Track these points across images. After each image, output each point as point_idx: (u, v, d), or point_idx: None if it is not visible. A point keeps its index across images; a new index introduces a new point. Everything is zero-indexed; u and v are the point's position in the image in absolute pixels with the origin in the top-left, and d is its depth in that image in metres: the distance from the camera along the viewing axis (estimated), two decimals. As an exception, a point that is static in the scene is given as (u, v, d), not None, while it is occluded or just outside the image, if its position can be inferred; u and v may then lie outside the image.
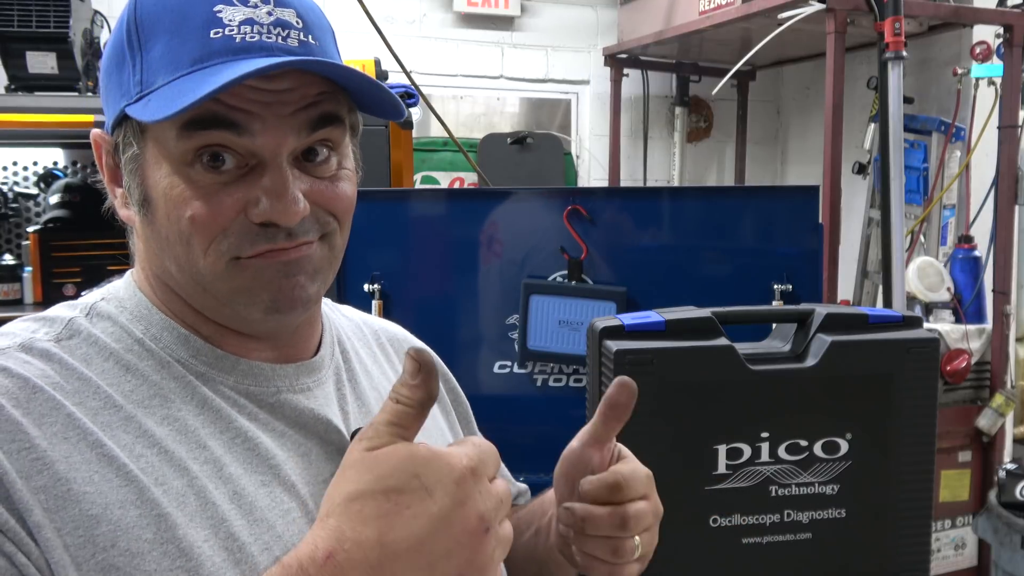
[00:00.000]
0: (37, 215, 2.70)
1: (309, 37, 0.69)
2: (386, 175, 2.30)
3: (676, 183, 4.76)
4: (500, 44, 4.65)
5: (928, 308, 3.05)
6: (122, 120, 0.69)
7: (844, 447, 1.14)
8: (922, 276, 3.01)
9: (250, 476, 0.68)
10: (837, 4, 2.95)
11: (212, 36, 0.65)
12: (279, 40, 0.67)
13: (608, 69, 4.49)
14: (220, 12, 0.66)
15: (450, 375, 1.00)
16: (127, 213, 0.73)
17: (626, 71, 4.51)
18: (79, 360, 0.67)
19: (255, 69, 0.63)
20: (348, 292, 1.95)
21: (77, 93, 2.41)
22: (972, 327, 2.97)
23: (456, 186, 4.16)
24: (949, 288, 3.03)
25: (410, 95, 2.23)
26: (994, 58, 3.17)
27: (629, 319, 1.13)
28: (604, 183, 4.63)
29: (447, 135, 2.57)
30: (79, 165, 2.75)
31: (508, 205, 2.05)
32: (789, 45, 3.82)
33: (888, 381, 1.14)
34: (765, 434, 1.12)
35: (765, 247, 2.02)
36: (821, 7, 2.98)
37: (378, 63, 2.47)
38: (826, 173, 2.98)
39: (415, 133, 3.31)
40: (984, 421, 2.94)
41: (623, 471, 0.75)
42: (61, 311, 0.72)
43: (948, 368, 2.87)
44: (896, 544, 1.17)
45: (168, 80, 0.65)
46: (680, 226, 2.05)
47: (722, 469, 1.12)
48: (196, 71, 0.65)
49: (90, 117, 2.13)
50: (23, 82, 2.38)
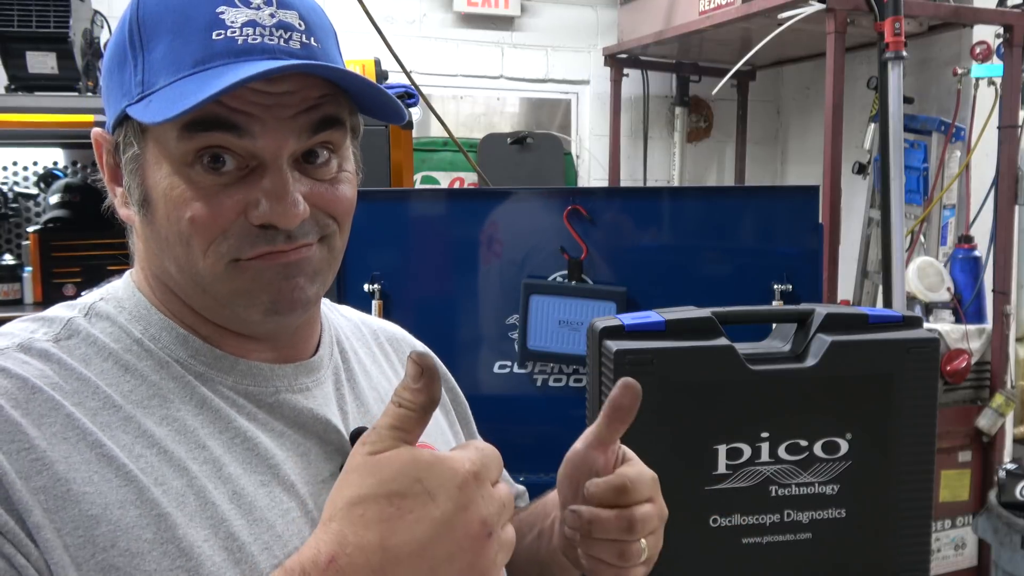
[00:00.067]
0: (37, 215, 2.70)
1: (311, 39, 0.69)
2: (386, 175, 2.30)
3: (676, 183, 4.76)
4: (500, 44, 4.65)
5: (928, 308, 3.05)
6: (123, 120, 0.69)
7: (844, 447, 1.14)
8: (922, 276, 3.01)
9: (249, 476, 0.68)
10: (837, 4, 2.95)
11: (214, 38, 0.65)
12: (281, 42, 0.67)
13: (608, 69, 4.49)
14: (223, 14, 0.66)
15: (449, 375, 1.00)
16: (127, 212, 0.73)
17: (626, 71, 4.50)
18: (78, 360, 0.67)
19: (257, 72, 0.62)
20: (348, 292, 1.95)
21: (77, 93, 2.41)
22: (972, 327, 2.97)
23: (456, 186, 4.16)
24: (949, 288, 3.03)
25: (410, 95, 2.23)
26: (994, 58, 3.17)
27: (629, 319, 1.13)
28: (604, 183, 4.63)
29: (447, 135, 2.57)
30: (79, 165, 2.75)
31: (508, 205, 2.05)
32: (789, 45, 3.82)
33: (888, 381, 1.14)
34: (765, 434, 1.12)
35: (765, 247, 2.02)
36: (821, 7, 2.98)
37: (378, 63, 2.47)
38: (826, 173, 2.98)
39: (415, 133, 3.32)
40: (984, 421, 2.94)
41: (629, 474, 0.74)
42: (60, 311, 0.72)
43: (948, 368, 2.87)
44: (896, 544, 1.17)
45: (170, 81, 0.65)
46: (680, 226, 2.05)
47: (722, 469, 1.12)
48: (198, 72, 0.64)
49: (90, 117, 2.13)
50: (23, 82, 2.38)
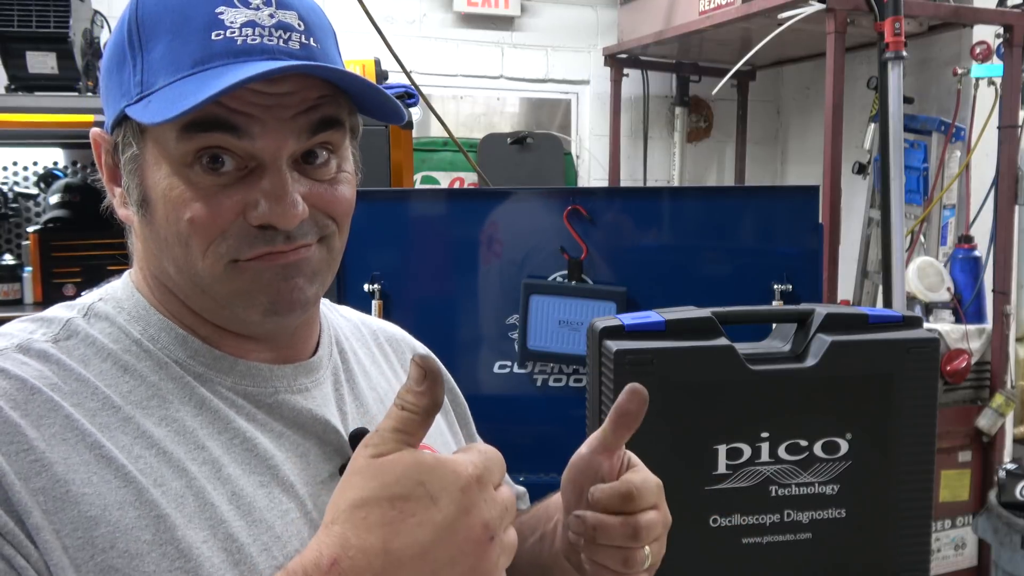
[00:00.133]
0: (37, 215, 2.70)
1: (310, 40, 0.69)
2: (386, 175, 2.30)
3: (676, 183, 4.76)
4: (500, 44, 4.65)
5: (928, 308, 3.05)
6: (122, 120, 0.69)
7: (844, 447, 1.14)
8: (922, 276, 3.00)
9: (249, 477, 0.68)
10: (837, 4, 2.95)
11: (213, 38, 0.65)
12: (280, 43, 0.67)
13: (608, 69, 4.48)
14: (222, 14, 0.66)
15: (448, 376, 0.99)
16: (126, 212, 0.73)
17: (626, 71, 4.50)
18: (77, 361, 0.67)
19: (257, 73, 0.62)
20: (348, 292, 1.95)
21: (77, 93, 2.41)
22: (972, 327, 2.97)
23: (456, 186, 4.16)
24: (949, 288, 3.03)
25: (410, 95, 2.22)
26: (994, 58, 3.17)
27: (629, 319, 1.14)
28: (604, 183, 4.63)
29: (447, 135, 2.57)
30: (79, 165, 2.75)
31: (508, 205, 2.05)
32: (789, 45, 3.82)
33: (888, 381, 1.14)
34: (765, 434, 1.12)
35: (765, 247, 2.02)
36: (821, 7, 2.98)
37: (378, 63, 2.47)
38: (826, 173, 2.98)
39: (415, 133, 3.32)
40: (984, 421, 2.94)
41: (635, 480, 0.74)
42: (59, 312, 0.72)
43: (948, 368, 2.87)
44: (896, 544, 1.17)
45: (169, 81, 0.65)
46: (680, 226, 2.05)
47: (722, 469, 1.12)
48: (197, 73, 0.64)
49: (90, 117, 2.13)
50: (23, 82, 2.39)
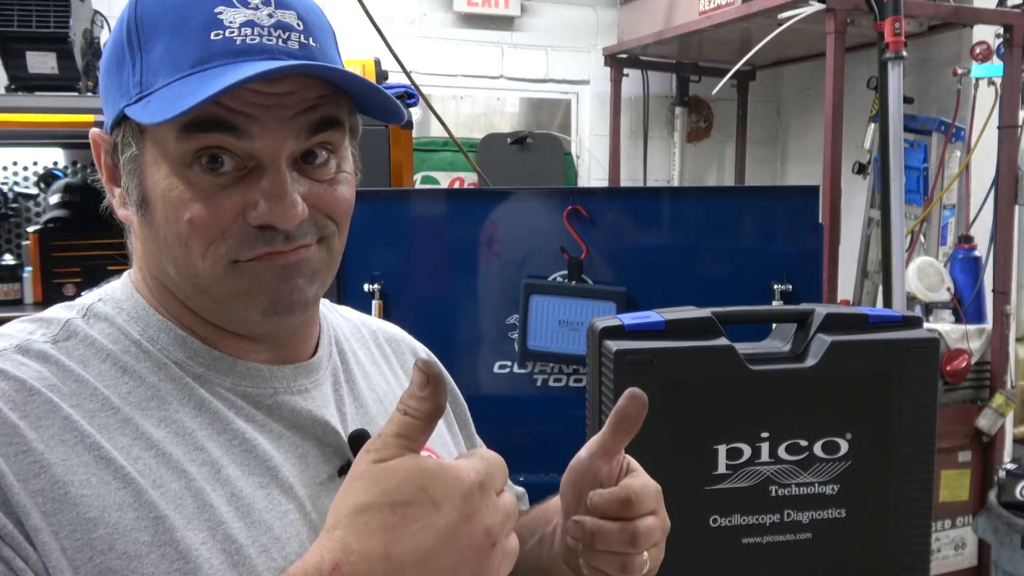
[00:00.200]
0: (37, 215, 2.70)
1: (310, 39, 0.69)
2: (386, 175, 2.30)
3: (676, 183, 4.76)
4: (500, 44, 4.65)
5: (928, 308, 3.05)
6: (121, 120, 0.69)
7: (844, 447, 1.14)
8: (922, 276, 3.00)
9: (248, 478, 0.68)
10: (837, 4, 2.95)
11: (213, 38, 0.65)
12: (279, 42, 0.67)
13: (608, 69, 4.48)
14: (221, 14, 0.66)
15: (448, 376, 0.99)
16: (125, 213, 0.73)
17: (626, 71, 4.50)
18: (76, 362, 0.67)
19: (256, 73, 0.62)
20: (348, 292, 1.95)
21: (77, 93, 2.41)
22: (972, 327, 2.97)
23: (456, 186, 4.16)
24: (949, 288, 3.03)
25: (410, 95, 2.22)
26: (994, 58, 3.17)
27: (629, 319, 1.14)
28: (604, 183, 4.63)
29: (447, 135, 2.57)
30: (79, 165, 2.74)
31: (508, 205, 2.05)
32: (789, 45, 3.82)
33: (888, 381, 1.14)
34: (765, 434, 1.12)
35: (765, 247, 2.02)
36: (821, 7, 2.98)
37: (378, 63, 2.47)
38: (826, 173, 2.98)
39: (415, 133, 3.32)
40: (984, 421, 2.94)
41: (634, 486, 0.74)
42: (58, 312, 0.72)
43: (948, 368, 2.87)
44: (896, 544, 1.17)
45: (168, 81, 0.65)
46: (680, 226, 2.05)
47: (722, 469, 1.12)
48: (196, 73, 0.64)
49: (90, 117, 2.13)
50: (23, 82, 2.39)
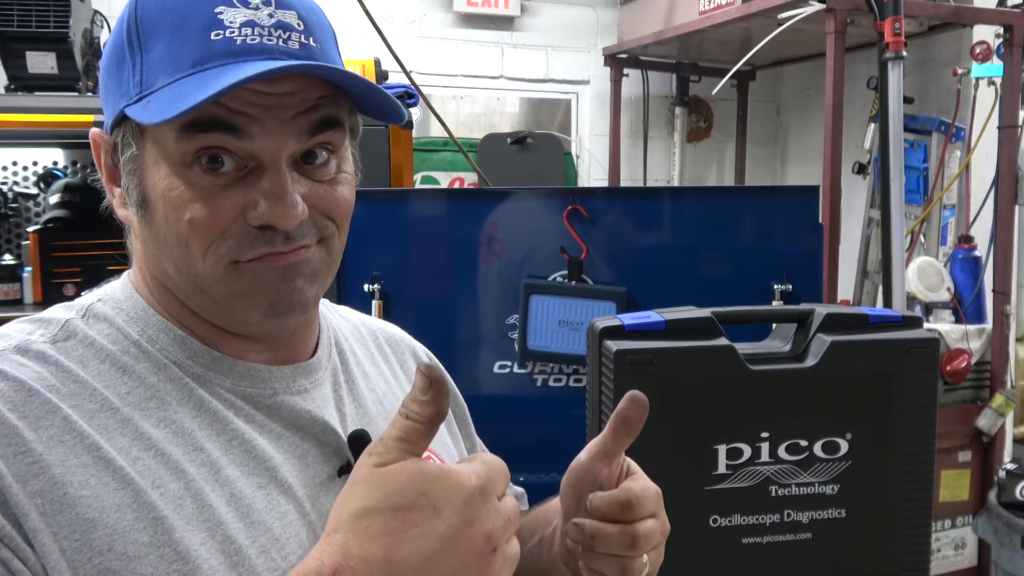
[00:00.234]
0: (37, 215, 2.70)
1: (310, 39, 0.69)
2: (386, 175, 2.30)
3: (676, 183, 4.76)
4: (500, 44, 4.65)
5: (928, 308, 3.05)
6: (121, 120, 0.69)
7: (844, 447, 1.14)
8: (922, 276, 3.00)
9: (247, 478, 0.68)
10: (837, 4, 2.95)
11: (213, 38, 0.65)
12: (280, 43, 0.66)
13: (608, 69, 4.48)
14: (221, 14, 0.65)
15: (447, 376, 0.99)
16: (125, 213, 0.73)
17: (626, 71, 4.50)
18: (75, 362, 0.67)
19: (256, 73, 0.62)
20: (348, 292, 1.95)
21: (77, 93, 2.41)
22: (972, 327, 2.97)
23: (456, 186, 4.16)
24: (949, 288, 3.03)
25: (410, 95, 2.22)
26: (994, 58, 3.17)
27: (629, 319, 1.13)
28: (604, 183, 4.63)
29: (447, 135, 2.57)
30: (79, 165, 2.74)
31: (508, 205, 2.05)
32: (789, 45, 3.82)
33: (888, 381, 1.14)
34: (765, 434, 1.12)
35: (765, 247, 2.02)
36: (821, 7, 2.98)
37: (378, 63, 2.47)
38: (826, 173, 2.98)
39: (415, 133, 3.32)
40: (984, 421, 2.94)
41: (634, 489, 0.73)
42: (57, 312, 0.72)
43: (948, 368, 2.87)
44: (896, 544, 1.17)
45: (168, 81, 0.65)
46: (680, 226, 2.05)
47: (722, 469, 1.12)
48: (197, 73, 0.64)
49: (90, 117, 2.12)
50: (23, 82, 2.39)
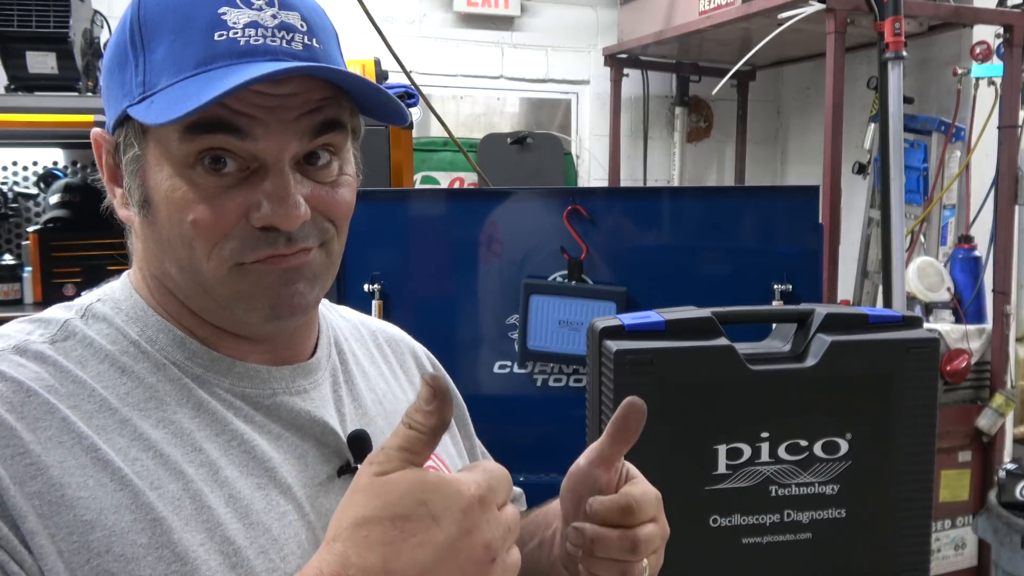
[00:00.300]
0: (37, 215, 2.70)
1: (313, 41, 0.69)
2: (386, 175, 2.30)
3: (676, 183, 4.76)
4: (500, 44, 4.65)
5: (928, 308, 3.05)
6: (124, 120, 0.69)
7: (844, 447, 1.14)
8: (922, 276, 3.00)
9: (246, 479, 0.68)
10: (837, 4, 2.95)
11: (216, 38, 0.65)
12: (283, 44, 0.66)
13: (608, 69, 4.48)
14: (224, 14, 0.65)
15: (447, 377, 0.99)
16: (126, 213, 0.73)
17: (626, 71, 4.50)
18: (74, 362, 0.67)
19: (261, 75, 0.62)
20: (348, 292, 1.95)
21: (77, 93, 2.41)
22: (972, 327, 2.97)
23: (456, 186, 4.16)
24: (949, 288, 3.03)
25: (410, 95, 2.22)
26: (994, 58, 3.17)
27: (629, 319, 1.13)
28: (604, 183, 4.63)
29: (447, 135, 2.57)
30: (79, 165, 2.74)
31: (508, 205, 2.05)
32: (789, 45, 3.82)
33: (888, 381, 1.14)
34: (765, 434, 1.12)
35: (765, 247, 2.02)
36: (821, 7, 2.98)
37: (378, 63, 2.47)
38: (826, 173, 2.98)
39: (415, 133, 3.32)
40: (984, 421, 2.94)
41: (634, 493, 0.73)
42: (56, 312, 0.71)
43: (948, 368, 2.87)
44: (896, 544, 1.17)
45: (171, 82, 0.65)
46: (680, 226, 2.05)
47: (722, 469, 1.12)
48: (200, 74, 0.64)
49: (90, 117, 2.12)
50: (23, 82, 2.38)
